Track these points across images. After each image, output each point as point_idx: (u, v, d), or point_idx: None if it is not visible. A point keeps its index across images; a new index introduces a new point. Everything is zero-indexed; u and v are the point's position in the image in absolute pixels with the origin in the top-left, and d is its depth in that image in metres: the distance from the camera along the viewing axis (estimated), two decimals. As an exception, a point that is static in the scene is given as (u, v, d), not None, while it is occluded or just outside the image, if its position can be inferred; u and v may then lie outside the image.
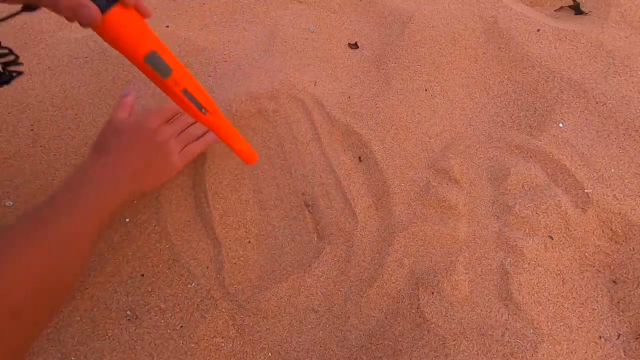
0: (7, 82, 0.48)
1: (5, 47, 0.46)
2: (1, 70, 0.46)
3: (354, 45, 0.83)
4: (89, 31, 0.83)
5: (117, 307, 0.57)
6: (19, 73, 0.49)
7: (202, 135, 0.63)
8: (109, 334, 0.55)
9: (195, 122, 0.63)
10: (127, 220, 0.63)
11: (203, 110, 0.51)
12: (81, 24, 0.39)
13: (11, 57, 0.47)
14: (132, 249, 0.61)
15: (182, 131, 0.61)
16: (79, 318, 0.56)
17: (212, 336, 0.55)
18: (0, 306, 0.35)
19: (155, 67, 0.46)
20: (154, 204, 0.64)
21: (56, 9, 0.38)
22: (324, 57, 0.80)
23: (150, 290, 0.58)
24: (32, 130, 0.70)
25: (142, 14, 0.44)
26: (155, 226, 0.62)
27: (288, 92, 0.73)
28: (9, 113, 0.72)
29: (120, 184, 0.51)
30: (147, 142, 0.56)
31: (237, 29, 0.86)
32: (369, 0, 0.89)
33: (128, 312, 0.57)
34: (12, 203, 0.64)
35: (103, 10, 0.40)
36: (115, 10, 0.41)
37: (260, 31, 0.85)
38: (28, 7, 0.41)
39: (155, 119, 0.58)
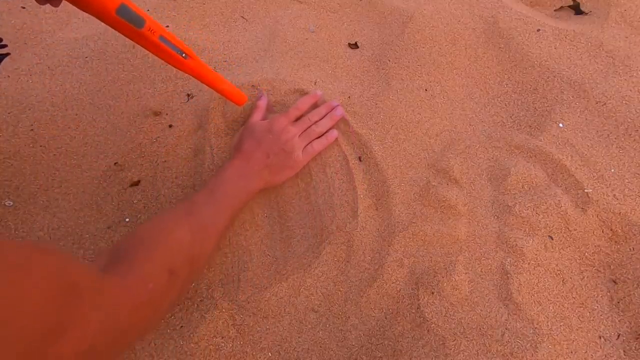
0: None
1: None
2: None
3: (354, 45, 0.83)
4: (89, 31, 0.83)
5: (117, 307, 0.57)
6: (6, 54, 0.50)
7: (324, 133, 0.68)
8: (109, 334, 0.55)
9: (318, 121, 0.68)
10: (127, 220, 0.63)
11: (184, 55, 0.53)
12: None
13: None
14: (132, 249, 0.61)
15: (305, 130, 0.67)
16: (79, 318, 0.56)
17: (212, 336, 0.55)
18: (162, 264, 0.45)
19: (128, 19, 0.47)
20: (154, 205, 0.64)
21: None
22: (324, 57, 0.80)
23: (150, 290, 0.58)
24: (32, 130, 0.70)
25: None
26: (155, 226, 0.62)
27: (288, 90, 0.73)
28: (9, 113, 0.72)
29: (249, 180, 0.60)
30: (274, 142, 0.63)
31: (237, 29, 0.86)
32: (369, 0, 0.89)
33: (128, 312, 0.57)
34: (12, 203, 0.64)
35: None
36: None
37: (260, 31, 0.85)
38: None
39: (283, 120, 0.65)
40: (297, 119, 0.68)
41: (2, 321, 0.26)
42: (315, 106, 0.70)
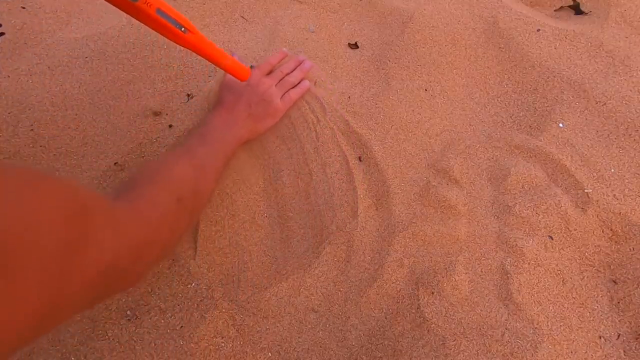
0: None
1: None
2: None
3: (354, 45, 0.83)
4: (89, 31, 0.83)
5: (117, 307, 0.57)
6: (1, 34, 0.50)
7: (298, 84, 0.72)
8: (109, 334, 0.55)
9: (291, 72, 0.72)
10: (127, 220, 0.63)
11: (183, 29, 0.52)
12: None
13: None
14: (132, 249, 0.61)
15: (280, 81, 0.70)
16: (79, 318, 0.56)
17: (212, 336, 0.55)
18: (169, 192, 0.48)
19: None
20: (154, 204, 0.64)
21: None
22: (324, 57, 0.80)
23: (150, 290, 0.58)
24: (32, 130, 0.70)
25: None
26: (155, 226, 0.62)
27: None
28: (9, 113, 0.72)
29: (235, 128, 0.63)
30: (253, 93, 0.67)
31: (237, 29, 0.86)
32: (368, 0, 0.89)
33: (128, 312, 0.57)
34: (12, 203, 0.64)
35: None
36: None
37: (260, 31, 0.85)
38: None
39: (257, 73, 0.69)
40: (269, 73, 0.72)
41: (19, 238, 0.26)
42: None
